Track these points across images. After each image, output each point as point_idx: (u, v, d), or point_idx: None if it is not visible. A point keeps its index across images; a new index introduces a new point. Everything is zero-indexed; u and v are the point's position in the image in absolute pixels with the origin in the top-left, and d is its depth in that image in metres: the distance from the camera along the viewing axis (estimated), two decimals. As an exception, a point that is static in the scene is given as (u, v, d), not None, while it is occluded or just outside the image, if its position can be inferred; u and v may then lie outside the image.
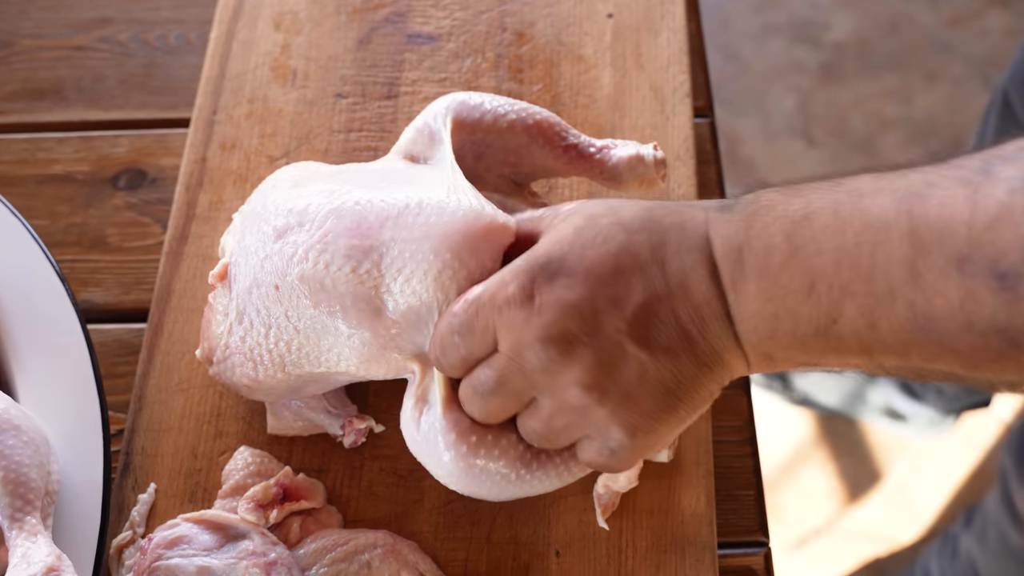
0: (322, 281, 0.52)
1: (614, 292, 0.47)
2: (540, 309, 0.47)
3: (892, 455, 1.55)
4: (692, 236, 0.48)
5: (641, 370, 0.47)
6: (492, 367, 0.49)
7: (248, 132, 0.71)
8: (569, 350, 0.47)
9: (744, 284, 0.46)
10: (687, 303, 0.47)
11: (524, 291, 0.48)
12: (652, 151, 0.60)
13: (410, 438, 0.53)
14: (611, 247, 0.48)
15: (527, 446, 0.52)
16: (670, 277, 0.47)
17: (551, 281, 0.47)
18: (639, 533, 0.58)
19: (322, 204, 0.54)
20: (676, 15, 0.75)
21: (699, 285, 0.47)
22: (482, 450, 0.51)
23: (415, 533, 0.58)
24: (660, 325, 0.47)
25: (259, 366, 0.55)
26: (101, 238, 0.71)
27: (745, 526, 0.61)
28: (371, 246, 0.52)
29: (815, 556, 1.48)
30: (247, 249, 0.55)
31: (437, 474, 0.53)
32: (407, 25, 0.76)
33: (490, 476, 0.51)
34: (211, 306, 0.58)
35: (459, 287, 0.51)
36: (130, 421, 0.62)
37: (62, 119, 0.77)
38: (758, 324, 0.47)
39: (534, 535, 0.58)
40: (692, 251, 0.48)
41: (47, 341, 0.60)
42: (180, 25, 0.80)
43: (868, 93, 1.83)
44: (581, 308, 0.47)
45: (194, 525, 0.56)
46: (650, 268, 0.48)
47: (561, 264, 0.48)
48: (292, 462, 0.60)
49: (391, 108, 0.72)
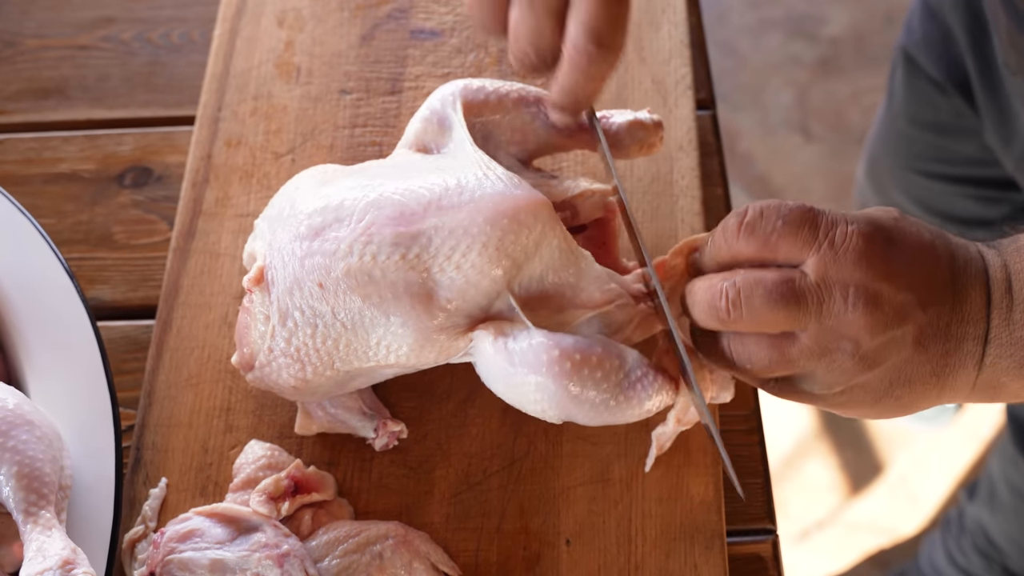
0: (370, 273, 0.53)
1: (924, 274, 0.50)
2: (871, 263, 0.49)
3: (894, 447, 1.56)
4: (974, 258, 0.52)
5: (904, 358, 0.50)
6: (788, 281, 0.50)
7: (253, 129, 0.72)
8: (871, 312, 0.49)
9: (1011, 311, 0.50)
10: (959, 317, 0.50)
11: (866, 239, 0.50)
12: (648, 115, 0.62)
13: (500, 371, 0.53)
14: (924, 238, 0.51)
15: (625, 370, 0.52)
16: (957, 288, 0.51)
17: (888, 247, 0.50)
18: (648, 521, 0.58)
19: (358, 198, 0.54)
20: (677, 8, 0.75)
21: (973, 302, 0.51)
22: (585, 369, 0.51)
23: (426, 524, 0.59)
24: (935, 332, 0.50)
25: (307, 366, 0.55)
26: (108, 236, 0.71)
27: (753, 514, 0.62)
28: (418, 231, 0.53)
29: (819, 548, 1.49)
30: (282, 251, 0.55)
31: (533, 399, 0.52)
32: (410, 21, 0.76)
33: (588, 399, 0.52)
34: (248, 310, 0.57)
35: (525, 249, 0.53)
36: (140, 417, 0.62)
37: (67, 118, 0.77)
38: (1012, 351, 0.50)
39: (544, 524, 0.58)
40: (973, 270, 0.51)
41: (57, 338, 0.60)
42: (183, 23, 0.80)
43: (865, 87, 1.83)
44: (900, 288, 0.49)
45: (206, 518, 0.57)
46: (943, 271, 0.51)
47: (892, 236, 0.50)
48: (303, 455, 0.60)
49: (395, 103, 0.73)
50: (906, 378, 0.51)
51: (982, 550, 1.20)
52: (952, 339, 0.50)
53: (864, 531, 1.50)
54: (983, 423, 1.57)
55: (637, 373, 0.53)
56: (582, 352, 0.52)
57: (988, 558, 1.19)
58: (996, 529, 1.16)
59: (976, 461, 1.54)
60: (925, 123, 1.01)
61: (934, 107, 0.97)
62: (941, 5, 0.91)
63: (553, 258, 0.54)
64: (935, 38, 0.93)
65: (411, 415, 0.61)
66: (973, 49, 0.88)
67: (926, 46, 0.95)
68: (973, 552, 1.22)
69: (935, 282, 0.50)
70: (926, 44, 0.95)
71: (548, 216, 0.54)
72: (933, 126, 1.00)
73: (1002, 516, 1.13)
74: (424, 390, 0.62)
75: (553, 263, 0.54)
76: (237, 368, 0.58)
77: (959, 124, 0.96)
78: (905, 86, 1.01)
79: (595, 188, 0.61)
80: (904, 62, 1.00)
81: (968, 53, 0.89)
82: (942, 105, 0.96)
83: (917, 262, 0.50)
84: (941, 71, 0.94)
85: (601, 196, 0.61)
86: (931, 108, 0.98)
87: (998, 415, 1.56)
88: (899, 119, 1.04)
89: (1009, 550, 1.15)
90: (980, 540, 1.20)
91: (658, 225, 0.67)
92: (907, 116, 1.03)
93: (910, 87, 1.00)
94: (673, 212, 0.67)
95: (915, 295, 0.50)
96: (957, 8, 0.88)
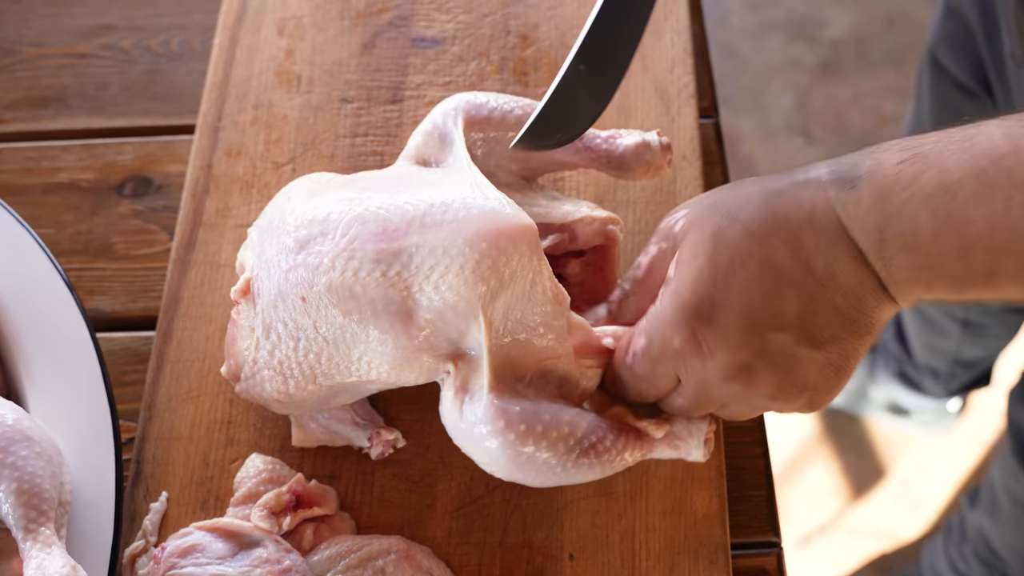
0: (351, 288, 0.52)
1: (772, 312, 0.49)
2: (711, 353, 0.50)
3: (895, 452, 1.55)
4: (826, 227, 0.49)
5: (816, 365, 0.50)
6: (684, 396, 0.54)
7: (253, 138, 0.71)
8: (750, 378, 0.50)
9: (894, 259, 0.48)
10: (841, 291, 0.49)
11: (690, 343, 0.50)
12: (657, 137, 0.61)
13: (453, 426, 0.53)
14: (751, 268, 0.49)
15: (576, 437, 0.52)
16: (818, 274, 0.49)
17: (710, 324, 0.50)
18: (652, 535, 0.58)
19: (344, 212, 0.53)
20: (679, 16, 0.75)
21: (848, 272, 0.49)
22: (531, 439, 0.51)
23: (428, 538, 0.58)
24: (823, 321, 0.49)
25: (289, 379, 0.55)
26: (107, 246, 0.71)
27: (757, 527, 0.61)
28: (399, 248, 0.52)
29: (821, 553, 1.49)
30: (268, 262, 0.55)
31: (482, 461, 0.53)
32: (411, 29, 0.75)
33: (536, 465, 0.52)
34: (235, 322, 0.57)
35: (499, 277, 0.51)
36: (140, 430, 0.62)
37: (66, 127, 0.76)
38: (913, 287, 0.49)
39: (547, 539, 0.58)
40: (832, 243, 0.49)
41: (56, 350, 0.60)
42: (183, 31, 0.80)
43: (866, 89, 1.83)
44: (748, 340, 0.49)
45: (207, 533, 0.56)
46: (796, 273, 0.49)
47: (713, 305, 0.50)
48: (304, 469, 0.60)
49: (396, 112, 0.72)
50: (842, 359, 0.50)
51: (983, 558, 1.20)
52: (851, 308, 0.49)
53: (866, 536, 1.50)
54: (984, 427, 1.56)
55: (592, 438, 0.53)
56: (527, 422, 0.51)
57: (989, 566, 1.19)
58: (997, 538, 1.16)
59: (977, 465, 1.54)
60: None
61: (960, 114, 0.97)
62: (960, 2, 0.91)
63: (524, 292, 0.53)
64: (957, 36, 0.93)
65: (412, 428, 0.61)
66: (987, 45, 0.88)
67: (949, 45, 0.95)
68: (974, 559, 1.22)
69: (778, 300, 0.49)
70: (949, 43, 0.95)
71: (528, 245, 0.52)
72: None
73: (1003, 525, 1.13)
74: (425, 402, 0.62)
75: (523, 297, 0.53)
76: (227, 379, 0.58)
77: None
78: (932, 93, 1.01)
79: (596, 215, 0.60)
80: (930, 66, 1.00)
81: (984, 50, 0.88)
82: (968, 111, 0.96)
83: (747, 303, 0.49)
84: (964, 70, 0.93)
85: (601, 224, 0.60)
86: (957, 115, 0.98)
87: (999, 420, 1.56)
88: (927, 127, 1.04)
89: (1010, 559, 1.15)
90: (981, 548, 1.19)
91: (661, 236, 0.66)
92: (934, 124, 1.03)
93: (936, 93, 1.00)
94: (676, 222, 0.66)
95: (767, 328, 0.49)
96: (974, 4, 0.88)
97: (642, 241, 0.66)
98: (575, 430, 0.52)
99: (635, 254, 0.66)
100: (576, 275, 0.61)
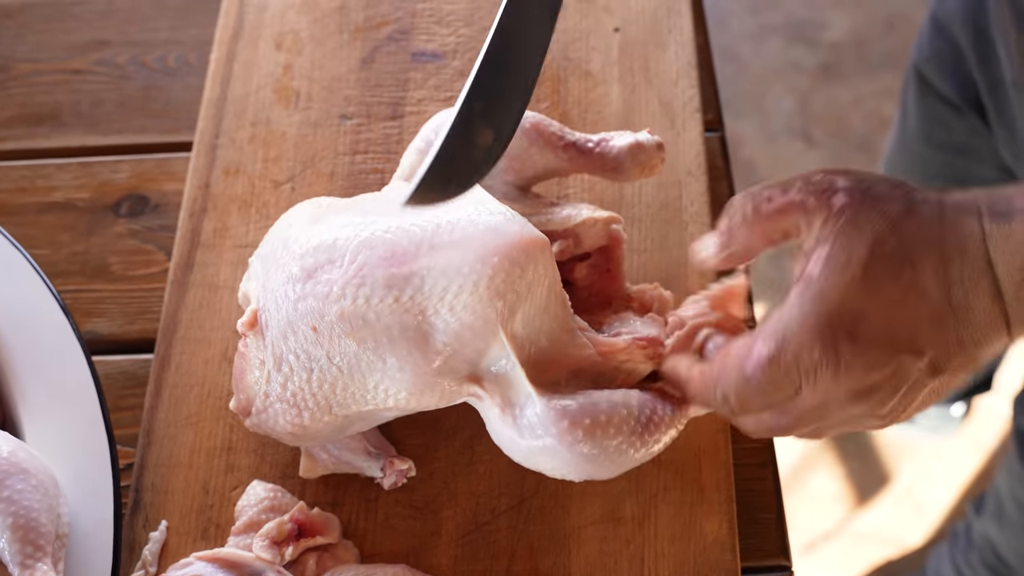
0: (364, 316, 0.51)
1: (911, 337, 0.48)
2: (847, 369, 0.48)
3: (899, 457, 1.54)
4: (974, 259, 0.48)
5: (927, 393, 0.50)
6: (791, 414, 0.50)
7: (252, 156, 0.70)
8: (873, 398, 0.49)
9: None
10: (971, 327, 0.48)
11: (829, 356, 0.48)
12: (649, 136, 0.61)
13: (510, 443, 0.52)
14: (901, 287, 0.48)
15: (635, 416, 0.51)
16: (954, 304, 0.48)
17: (851, 338, 0.48)
18: (661, 561, 0.57)
19: (350, 237, 0.52)
20: (684, 28, 0.74)
21: (983, 310, 0.48)
22: (598, 431, 0.50)
23: (434, 566, 0.57)
24: (951, 356, 0.49)
25: (304, 411, 0.53)
26: (104, 267, 0.70)
27: (767, 550, 0.60)
28: (411, 272, 0.51)
29: (825, 560, 1.48)
30: (274, 293, 0.54)
31: (549, 468, 0.52)
32: (411, 43, 0.74)
33: (609, 454, 0.51)
34: (243, 355, 0.56)
35: (515, 290, 0.51)
36: (139, 457, 0.61)
37: (61, 145, 0.75)
38: None
39: (555, 566, 0.57)
40: (977, 278, 0.48)
41: (51, 375, 0.59)
42: (179, 46, 0.79)
43: (866, 92, 1.82)
44: (885, 360, 0.48)
45: (208, 564, 0.55)
46: (938, 301, 0.48)
47: (855, 319, 0.48)
48: (306, 496, 0.59)
49: (397, 128, 0.71)
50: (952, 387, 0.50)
51: (990, 565, 1.19)
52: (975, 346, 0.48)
53: (870, 542, 1.49)
54: (988, 432, 1.55)
55: (647, 412, 0.52)
56: (590, 415, 0.50)
57: (996, 573, 1.18)
58: (1004, 545, 1.15)
59: (981, 471, 1.53)
60: (939, 144, 0.99)
61: (948, 127, 0.96)
62: (950, 22, 0.90)
63: (541, 302, 0.52)
64: (945, 55, 0.92)
65: (417, 453, 0.60)
66: (980, 67, 0.86)
67: (937, 64, 0.94)
68: (981, 567, 1.21)
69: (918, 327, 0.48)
70: (936, 62, 0.94)
71: (542, 255, 0.52)
72: (948, 146, 0.98)
73: (1010, 532, 1.12)
74: (429, 427, 0.61)
75: (541, 308, 0.52)
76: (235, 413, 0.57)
77: (974, 144, 0.95)
78: (918, 106, 1.00)
79: (597, 216, 0.60)
80: (916, 81, 0.99)
81: (976, 71, 0.87)
82: (956, 125, 0.95)
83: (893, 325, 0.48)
84: (953, 88, 0.92)
85: (604, 224, 0.60)
86: (945, 128, 0.97)
87: (1003, 424, 1.55)
88: (913, 140, 1.03)
89: (1018, 566, 1.14)
90: (988, 555, 1.18)
91: (667, 254, 0.65)
92: (921, 137, 1.01)
93: (923, 107, 0.99)
94: (683, 240, 0.66)
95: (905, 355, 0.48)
96: (966, 25, 0.87)
97: (647, 259, 0.65)
98: (631, 409, 0.52)
99: (639, 269, 0.65)
100: (584, 278, 0.61)
